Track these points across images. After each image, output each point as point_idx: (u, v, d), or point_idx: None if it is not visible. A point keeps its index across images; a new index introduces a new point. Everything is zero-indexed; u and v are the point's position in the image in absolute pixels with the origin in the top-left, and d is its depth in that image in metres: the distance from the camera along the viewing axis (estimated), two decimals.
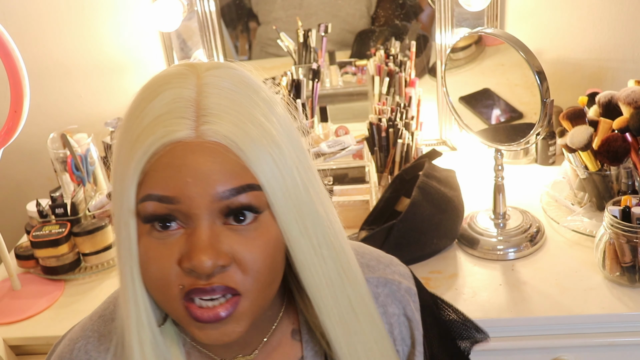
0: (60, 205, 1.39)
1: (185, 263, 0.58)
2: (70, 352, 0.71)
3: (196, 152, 0.58)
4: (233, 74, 0.63)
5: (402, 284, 0.78)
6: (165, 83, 0.61)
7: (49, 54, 1.68)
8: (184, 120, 0.58)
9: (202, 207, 0.58)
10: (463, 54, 1.27)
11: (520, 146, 1.22)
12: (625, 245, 1.12)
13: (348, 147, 1.45)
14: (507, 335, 1.13)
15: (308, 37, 1.65)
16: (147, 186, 0.59)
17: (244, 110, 0.60)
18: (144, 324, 0.64)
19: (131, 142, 0.59)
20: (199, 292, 0.59)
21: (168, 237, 0.59)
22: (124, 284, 0.62)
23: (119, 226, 0.61)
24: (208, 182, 0.58)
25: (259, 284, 0.61)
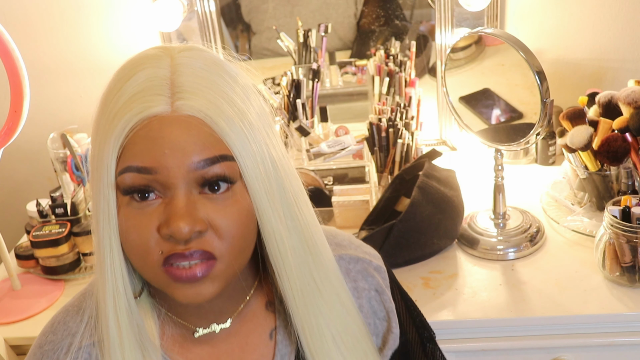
0: (60, 205, 1.39)
1: (164, 229, 0.62)
2: (51, 325, 0.75)
3: (172, 125, 0.61)
4: (205, 55, 0.67)
5: (373, 262, 0.84)
6: (141, 64, 0.64)
7: (49, 54, 1.68)
8: (160, 96, 0.62)
9: (178, 176, 0.62)
10: (463, 54, 1.27)
11: (520, 146, 1.22)
12: (625, 245, 1.12)
13: (348, 147, 1.45)
14: (507, 335, 1.13)
15: (308, 37, 1.65)
16: (125, 159, 0.62)
17: (216, 87, 0.64)
18: (120, 293, 0.67)
19: (109, 120, 0.63)
20: (178, 257, 0.63)
21: (147, 207, 0.63)
22: (101, 254, 0.66)
23: (99, 199, 0.64)
24: (184, 153, 0.61)
25: (233, 249, 0.65)
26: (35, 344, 0.75)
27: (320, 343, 0.73)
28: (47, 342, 0.74)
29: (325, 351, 0.73)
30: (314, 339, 0.73)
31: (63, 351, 0.72)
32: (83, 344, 0.72)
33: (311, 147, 1.50)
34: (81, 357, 0.71)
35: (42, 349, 0.74)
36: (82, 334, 0.72)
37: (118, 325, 0.67)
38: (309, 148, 1.49)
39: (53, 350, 0.72)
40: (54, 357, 0.72)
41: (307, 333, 0.73)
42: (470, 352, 1.14)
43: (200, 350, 0.74)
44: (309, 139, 1.50)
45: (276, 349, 0.76)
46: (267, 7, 1.70)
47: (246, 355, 0.75)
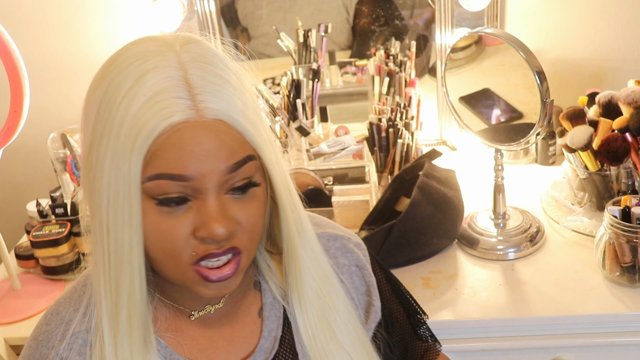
0: (60, 205, 1.39)
1: (201, 233, 0.64)
2: (44, 318, 0.76)
3: (202, 131, 0.62)
4: (205, 48, 0.67)
5: (352, 239, 0.87)
6: (145, 61, 0.63)
7: (49, 54, 1.68)
8: (181, 100, 0.62)
9: (212, 181, 0.63)
10: (463, 54, 1.27)
11: (520, 146, 1.22)
12: (625, 245, 1.12)
13: (348, 147, 1.45)
14: (507, 335, 1.13)
15: (308, 37, 1.65)
16: (156, 166, 0.62)
17: (226, 83, 0.65)
18: (136, 291, 0.67)
19: (125, 125, 0.62)
20: (212, 256, 0.66)
21: (177, 211, 0.65)
22: (118, 256, 0.66)
23: (116, 202, 0.64)
24: (218, 159, 0.63)
25: (253, 240, 0.69)
26: (30, 337, 0.76)
27: (313, 315, 0.78)
28: (41, 333, 0.75)
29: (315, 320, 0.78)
30: (307, 311, 0.77)
31: (57, 338, 0.73)
32: (76, 330, 0.73)
33: (311, 147, 1.50)
34: (75, 342, 0.72)
35: (37, 340, 0.74)
36: (75, 322, 0.73)
37: (129, 319, 0.68)
38: (309, 148, 1.49)
39: (47, 339, 0.73)
40: (48, 345, 0.73)
41: (301, 304, 0.77)
42: (470, 352, 1.14)
43: (193, 332, 0.76)
44: (309, 139, 1.50)
45: (263, 325, 0.79)
46: (261, 14, 1.70)
47: (237, 334, 0.78)
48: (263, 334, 0.78)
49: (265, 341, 0.78)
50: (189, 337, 0.76)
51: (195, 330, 0.76)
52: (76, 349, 0.72)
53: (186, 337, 0.76)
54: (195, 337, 0.76)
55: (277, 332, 0.79)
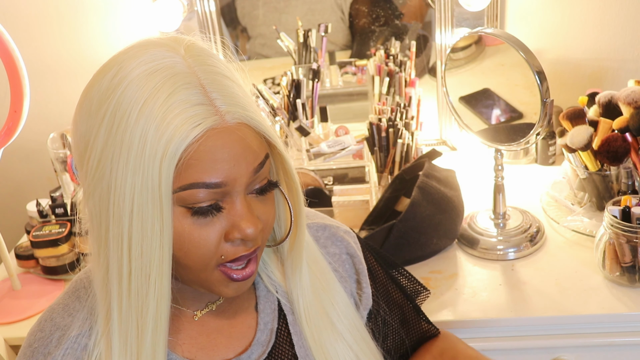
0: (60, 205, 1.39)
1: (235, 234, 0.66)
2: (37, 324, 0.76)
3: (229, 136, 0.63)
4: (203, 50, 0.68)
5: (341, 228, 0.89)
6: (158, 68, 0.63)
7: (49, 54, 1.68)
8: (203, 106, 0.62)
9: (242, 185, 0.65)
10: (463, 54, 1.27)
11: (520, 146, 1.22)
12: (625, 245, 1.12)
13: (348, 147, 1.45)
14: (507, 335, 1.13)
15: (308, 37, 1.65)
16: (189, 175, 0.63)
17: (230, 83, 0.66)
18: (165, 298, 0.66)
19: (150, 132, 0.61)
20: (243, 259, 0.68)
21: (213, 217, 0.66)
22: (145, 268, 0.64)
23: (145, 212, 0.62)
24: (247, 162, 0.65)
25: (267, 235, 0.72)
26: (24, 345, 0.76)
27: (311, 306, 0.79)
28: (35, 340, 0.74)
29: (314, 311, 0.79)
30: (306, 302, 0.79)
31: (53, 344, 0.73)
32: (72, 334, 0.72)
33: (311, 147, 1.50)
34: (71, 348, 0.72)
35: (32, 347, 0.74)
36: (73, 327, 0.73)
37: (154, 343, 0.67)
38: (309, 148, 1.49)
39: (43, 346, 0.73)
40: (44, 351, 0.73)
41: (300, 296, 0.79)
42: None
43: (191, 331, 0.77)
44: (309, 139, 1.50)
45: (259, 318, 0.80)
46: (257, 14, 1.70)
47: (235, 329, 0.79)
48: (259, 327, 0.79)
49: (262, 334, 0.79)
50: (187, 337, 0.76)
51: (193, 329, 0.77)
52: (72, 354, 0.72)
53: (185, 336, 0.76)
54: (193, 335, 0.77)
55: (273, 325, 0.80)
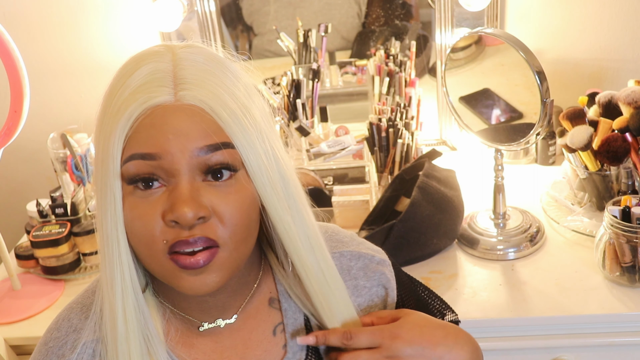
0: (60, 205, 1.39)
1: (168, 215, 0.63)
2: (55, 322, 0.76)
3: (175, 112, 0.63)
4: (205, 51, 0.69)
5: (376, 257, 0.83)
6: (143, 59, 0.66)
7: (49, 54, 1.68)
8: (163, 88, 0.64)
9: (182, 162, 0.63)
10: (463, 54, 1.27)
11: (520, 146, 1.22)
12: (625, 245, 1.12)
13: (348, 147, 1.45)
14: (507, 335, 1.13)
15: (308, 37, 1.65)
16: (130, 147, 0.64)
17: (216, 79, 0.66)
18: (128, 285, 0.67)
19: (113, 113, 0.64)
20: (182, 244, 0.64)
21: (151, 195, 0.64)
22: (108, 248, 0.66)
23: (105, 192, 0.65)
24: (187, 139, 0.63)
25: (235, 237, 0.66)
26: (40, 341, 0.76)
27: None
28: (51, 339, 0.74)
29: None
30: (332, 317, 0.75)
31: (68, 347, 0.73)
32: (87, 339, 0.72)
33: (311, 147, 1.50)
34: (85, 352, 0.72)
35: (47, 345, 0.74)
36: (86, 331, 0.73)
37: (125, 318, 0.68)
38: (309, 148, 1.49)
39: (58, 347, 0.73)
40: (59, 353, 0.73)
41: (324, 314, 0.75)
42: None
43: (204, 347, 0.75)
44: (309, 139, 1.50)
45: (287, 347, 0.77)
46: (268, 10, 1.70)
47: (249, 351, 0.76)
48: (287, 356, 0.76)
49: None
50: (200, 352, 0.75)
51: (207, 345, 0.75)
52: (86, 359, 0.72)
53: (198, 351, 0.75)
54: (207, 352, 0.75)
55: (301, 355, 0.77)
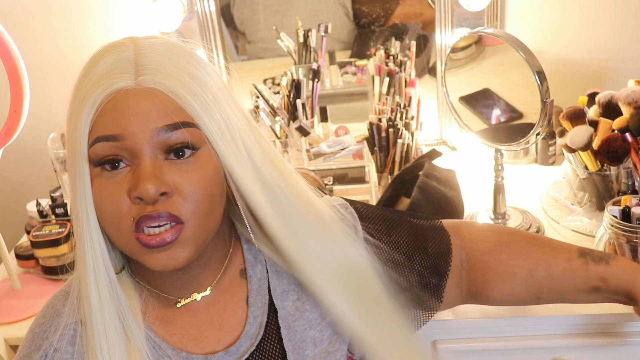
0: (60, 205, 1.39)
1: (132, 192, 0.67)
2: (41, 311, 0.80)
3: (136, 95, 0.67)
4: (168, 40, 0.73)
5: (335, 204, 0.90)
6: (107, 51, 0.70)
7: (49, 54, 1.68)
8: (124, 74, 0.67)
9: (144, 142, 0.67)
10: (463, 54, 1.27)
11: (520, 146, 1.22)
12: (625, 245, 1.12)
13: (348, 147, 1.45)
14: (507, 335, 1.13)
15: (308, 37, 1.65)
16: (95, 130, 0.68)
17: (177, 64, 0.69)
18: (100, 265, 0.71)
19: (80, 100, 0.68)
20: (147, 219, 0.67)
21: (117, 175, 0.68)
22: (80, 230, 0.70)
23: (74, 175, 0.69)
24: (148, 119, 0.67)
25: (199, 212, 0.69)
26: (28, 330, 0.79)
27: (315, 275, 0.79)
28: (37, 326, 0.78)
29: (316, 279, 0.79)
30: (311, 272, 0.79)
31: (52, 330, 0.76)
32: (68, 321, 0.75)
33: (311, 147, 1.50)
34: (67, 334, 0.75)
35: (33, 332, 0.77)
36: (67, 314, 0.76)
37: (99, 296, 0.71)
38: (309, 148, 1.49)
39: (43, 332, 0.76)
40: (43, 336, 0.76)
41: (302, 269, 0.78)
42: (470, 352, 1.14)
43: (182, 322, 0.78)
44: (309, 139, 1.50)
45: (249, 311, 0.80)
46: (259, 18, 1.70)
47: (225, 322, 0.80)
48: (248, 320, 0.80)
49: (251, 327, 0.80)
50: (178, 327, 0.78)
51: (185, 320, 0.78)
52: (68, 339, 0.74)
53: (176, 327, 0.78)
54: (184, 327, 0.78)
55: (263, 319, 0.80)
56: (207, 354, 0.77)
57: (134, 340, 0.73)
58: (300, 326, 0.81)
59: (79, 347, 0.74)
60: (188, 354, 0.77)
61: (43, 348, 0.74)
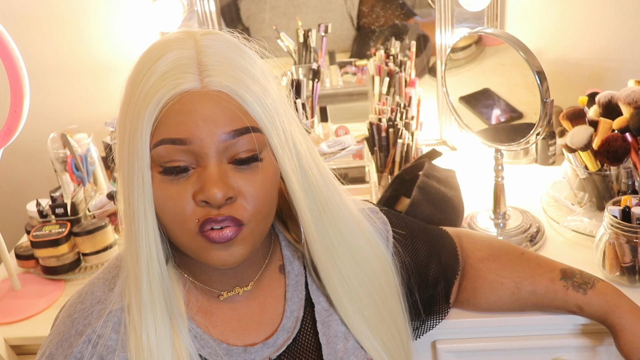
0: (60, 205, 1.39)
1: (199, 196, 0.68)
2: (78, 296, 0.80)
3: (203, 99, 0.67)
4: (223, 37, 0.73)
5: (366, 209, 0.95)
6: (167, 46, 0.70)
7: (49, 54, 1.68)
8: (189, 74, 0.67)
9: (211, 146, 0.67)
10: (463, 54, 1.27)
11: (520, 146, 1.22)
12: (625, 245, 1.12)
13: (348, 147, 1.45)
14: (507, 335, 1.13)
15: (308, 37, 1.65)
16: (160, 132, 0.68)
17: (239, 65, 0.70)
18: (153, 258, 0.72)
19: (140, 98, 0.67)
20: (211, 221, 0.69)
21: (180, 178, 0.69)
22: (135, 223, 0.70)
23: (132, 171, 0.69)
24: (215, 124, 0.67)
25: (258, 215, 0.72)
26: (62, 316, 0.79)
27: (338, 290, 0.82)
28: (76, 311, 0.78)
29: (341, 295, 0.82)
30: (336, 287, 0.82)
31: (94, 316, 0.76)
32: (113, 308, 0.76)
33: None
34: (110, 320, 0.75)
35: (72, 317, 0.77)
36: (111, 301, 0.77)
37: (150, 288, 0.72)
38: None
39: (84, 317, 0.77)
40: (85, 322, 0.76)
41: (330, 281, 0.81)
42: (470, 352, 1.14)
43: (223, 314, 0.80)
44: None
45: (286, 305, 0.83)
46: (264, 17, 1.70)
47: (264, 315, 0.82)
48: (285, 314, 0.83)
49: (288, 321, 0.83)
50: (219, 320, 0.80)
51: (226, 313, 0.81)
52: (112, 327, 0.75)
53: (217, 319, 0.80)
54: (226, 319, 0.81)
55: (299, 313, 0.83)
56: (247, 346, 0.80)
57: (178, 330, 0.75)
58: (333, 321, 0.84)
59: (122, 334, 0.75)
60: (229, 345, 0.79)
61: (86, 334, 0.75)
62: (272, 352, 0.80)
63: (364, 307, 0.84)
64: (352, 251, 0.83)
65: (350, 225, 0.83)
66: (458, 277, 1.02)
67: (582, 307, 0.98)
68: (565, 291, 0.98)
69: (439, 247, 1.01)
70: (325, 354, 0.82)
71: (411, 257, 0.96)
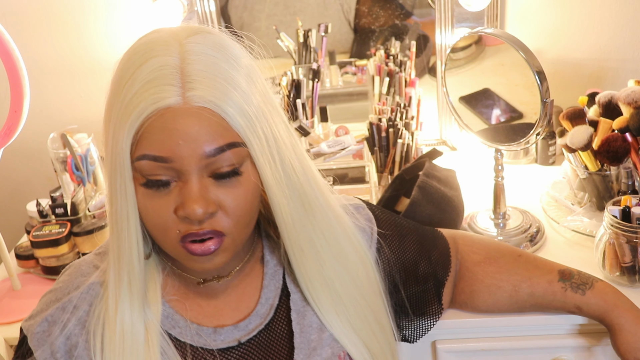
0: (60, 205, 1.39)
1: (180, 212, 0.70)
2: (66, 271, 0.84)
3: (185, 116, 0.67)
4: (212, 39, 0.71)
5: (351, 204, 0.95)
6: (150, 50, 0.69)
7: (49, 54, 1.68)
8: (171, 87, 0.66)
9: (192, 164, 0.68)
10: (463, 54, 1.27)
11: (520, 146, 1.22)
12: (625, 245, 1.12)
13: (348, 147, 1.45)
14: (507, 335, 1.13)
15: (308, 37, 1.65)
16: (142, 147, 0.68)
17: (222, 72, 0.69)
18: (134, 257, 0.74)
19: (123, 105, 0.68)
20: (193, 235, 0.71)
21: (163, 191, 0.70)
22: (118, 225, 0.73)
23: (115, 177, 0.70)
24: (197, 143, 0.67)
25: (239, 225, 0.74)
26: (50, 288, 0.83)
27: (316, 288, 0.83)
28: (61, 282, 0.82)
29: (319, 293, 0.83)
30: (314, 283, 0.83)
31: (74, 286, 0.80)
32: (93, 281, 0.80)
33: (311, 147, 1.50)
34: (89, 293, 0.79)
35: (56, 286, 0.82)
36: (94, 275, 0.80)
37: (129, 283, 0.75)
38: (309, 148, 1.49)
39: (65, 287, 0.81)
40: (65, 291, 0.80)
41: (307, 277, 0.82)
42: (470, 352, 1.14)
43: (200, 300, 0.82)
44: (309, 139, 1.50)
45: (262, 293, 0.85)
46: (259, 26, 1.70)
47: (241, 303, 0.84)
48: (260, 301, 0.84)
49: (262, 307, 0.84)
50: (195, 304, 0.83)
51: (202, 299, 0.83)
52: (88, 299, 0.79)
53: (193, 303, 0.82)
54: (202, 304, 0.83)
55: (274, 301, 0.85)
56: (217, 327, 0.82)
57: (149, 309, 0.77)
58: (309, 311, 0.84)
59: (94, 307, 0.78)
60: (199, 325, 0.81)
61: (63, 301, 0.78)
62: (243, 336, 0.82)
63: (344, 304, 0.84)
64: (331, 248, 0.84)
65: (331, 223, 0.84)
66: (450, 278, 1.01)
67: (581, 307, 0.98)
68: (563, 292, 0.98)
69: (429, 246, 1.00)
70: (297, 342, 0.83)
71: (397, 254, 0.96)
